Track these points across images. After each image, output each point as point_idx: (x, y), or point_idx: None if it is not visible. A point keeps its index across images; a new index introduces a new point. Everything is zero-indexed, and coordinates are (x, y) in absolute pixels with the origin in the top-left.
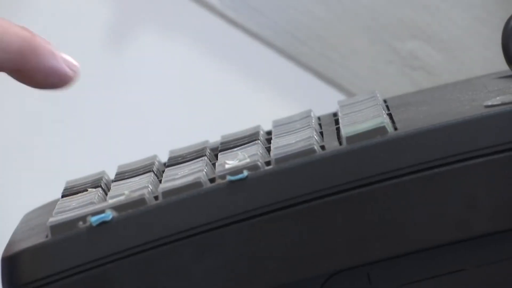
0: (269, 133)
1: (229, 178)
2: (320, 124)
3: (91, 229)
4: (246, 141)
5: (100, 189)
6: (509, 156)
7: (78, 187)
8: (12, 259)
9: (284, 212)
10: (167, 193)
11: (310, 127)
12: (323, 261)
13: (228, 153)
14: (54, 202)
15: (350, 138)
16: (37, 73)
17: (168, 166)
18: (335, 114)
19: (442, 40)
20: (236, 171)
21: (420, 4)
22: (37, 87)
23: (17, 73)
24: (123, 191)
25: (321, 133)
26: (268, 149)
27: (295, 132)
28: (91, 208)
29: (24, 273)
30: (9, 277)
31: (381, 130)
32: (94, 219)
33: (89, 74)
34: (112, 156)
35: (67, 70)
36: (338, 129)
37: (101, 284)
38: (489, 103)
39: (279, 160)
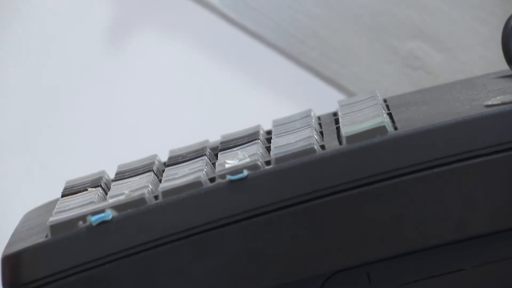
0: (269, 132)
1: (229, 177)
2: (320, 124)
3: (91, 228)
4: (246, 141)
5: (100, 188)
6: (509, 156)
7: (78, 187)
8: (12, 259)
9: (284, 211)
10: (167, 192)
11: (310, 127)
12: (323, 261)
13: (228, 153)
14: (54, 202)
15: (350, 138)
16: None
17: (168, 165)
18: (335, 114)
19: (442, 40)
20: (236, 170)
21: (420, 4)
22: None
23: None
24: (123, 191)
25: (321, 132)
26: (268, 149)
27: (295, 132)
28: (91, 208)
29: (24, 273)
30: (9, 277)
31: (381, 129)
32: (94, 219)
33: (89, 73)
34: (112, 156)
35: None
36: (338, 129)
37: (100, 284)
38: (489, 102)
39: (279, 160)
